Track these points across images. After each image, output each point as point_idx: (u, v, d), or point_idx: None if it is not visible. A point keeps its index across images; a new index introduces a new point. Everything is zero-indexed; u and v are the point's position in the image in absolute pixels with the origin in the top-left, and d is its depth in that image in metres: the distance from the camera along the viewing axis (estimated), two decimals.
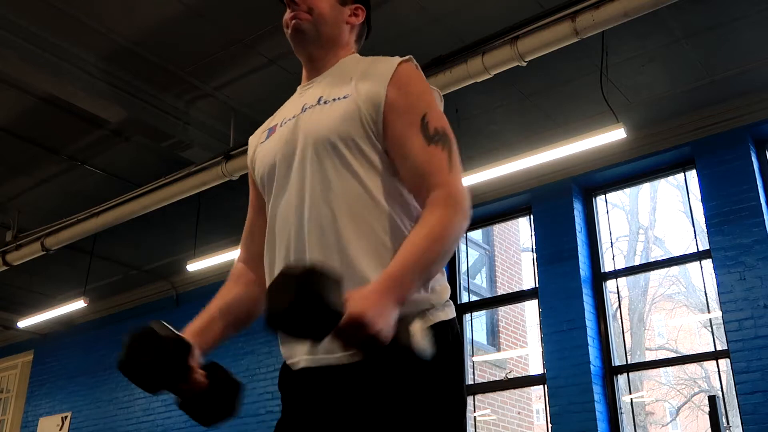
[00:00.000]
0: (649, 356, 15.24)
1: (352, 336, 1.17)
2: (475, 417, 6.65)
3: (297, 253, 1.41)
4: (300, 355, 1.41)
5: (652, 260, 11.96)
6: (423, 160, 1.39)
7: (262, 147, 1.59)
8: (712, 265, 5.35)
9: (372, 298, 1.20)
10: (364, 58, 1.59)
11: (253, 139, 1.68)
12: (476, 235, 9.81)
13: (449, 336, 1.39)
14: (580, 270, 5.86)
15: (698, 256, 5.74)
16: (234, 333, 1.64)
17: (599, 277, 6.02)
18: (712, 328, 5.98)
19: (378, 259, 1.36)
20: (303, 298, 1.11)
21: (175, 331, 1.37)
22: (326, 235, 1.38)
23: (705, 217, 5.45)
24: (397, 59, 1.50)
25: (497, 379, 8.93)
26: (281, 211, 1.47)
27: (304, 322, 1.13)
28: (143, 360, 1.33)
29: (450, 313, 1.43)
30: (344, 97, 1.47)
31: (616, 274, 6.29)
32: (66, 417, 9.33)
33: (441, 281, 1.44)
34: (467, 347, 6.75)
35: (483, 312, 9.65)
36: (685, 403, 15.33)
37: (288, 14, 1.58)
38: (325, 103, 1.49)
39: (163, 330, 1.34)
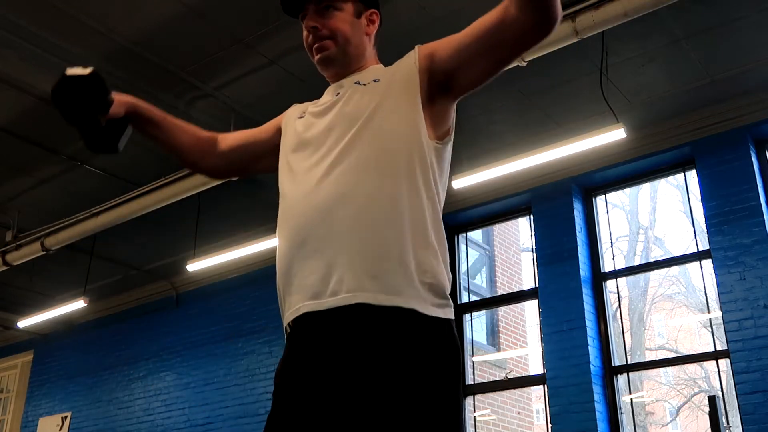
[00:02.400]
0: (649, 356, 15.25)
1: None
2: (475, 417, 6.64)
3: (315, 223, 1.42)
4: (302, 301, 1.41)
5: (652, 260, 11.96)
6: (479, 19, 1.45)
7: (298, 121, 1.63)
8: (712, 265, 5.35)
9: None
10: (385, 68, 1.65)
11: (290, 110, 1.72)
12: (476, 235, 9.81)
13: (447, 330, 1.39)
14: (580, 270, 5.86)
15: (698, 256, 5.74)
16: (153, 142, 1.79)
17: (599, 277, 6.02)
18: (712, 328, 5.98)
19: (409, 249, 1.37)
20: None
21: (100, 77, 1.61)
22: (371, 207, 1.40)
23: (705, 217, 5.46)
24: (415, 47, 1.57)
25: (497, 379, 8.93)
26: (306, 179, 1.48)
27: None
28: (74, 90, 1.57)
29: (449, 313, 1.42)
30: (375, 81, 1.54)
31: (616, 274, 6.29)
32: (66, 417, 9.33)
33: (443, 282, 1.43)
34: (467, 347, 6.75)
35: (483, 312, 9.65)
36: (685, 403, 15.33)
37: (310, 39, 1.61)
38: (359, 84, 1.55)
39: (90, 71, 1.60)
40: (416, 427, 1.28)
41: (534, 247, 6.32)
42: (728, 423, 5.50)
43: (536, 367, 10.57)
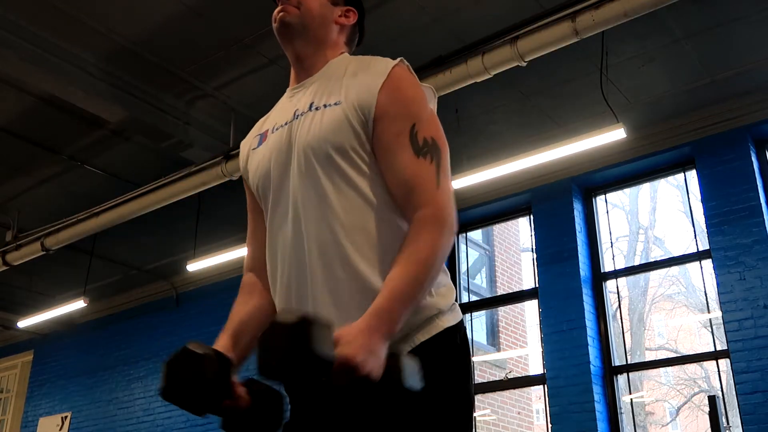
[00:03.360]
0: (649, 356, 15.25)
1: (343, 378, 1.17)
2: (475, 417, 6.64)
3: (299, 272, 1.40)
4: None
5: (652, 260, 11.96)
6: (411, 174, 1.37)
7: (255, 153, 1.56)
8: (712, 265, 5.35)
9: (361, 339, 1.19)
10: (354, 58, 1.56)
11: (244, 144, 1.65)
12: (476, 235, 9.81)
13: (457, 339, 1.40)
14: (580, 270, 5.86)
15: (698, 256, 5.74)
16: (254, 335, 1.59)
17: (599, 277, 6.02)
18: (712, 328, 5.98)
19: (384, 267, 1.35)
20: (294, 351, 1.13)
21: (212, 348, 1.34)
22: (328, 251, 1.36)
23: (705, 217, 5.46)
24: (389, 63, 1.46)
25: (497, 379, 8.93)
26: (280, 227, 1.45)
27: (296, 373, 1.15)
28: (186, 382, 1.27)
29: (457, 315, 1.43)
30: (335, 104, 1.43)
31: (616, 274, 6.29)
32: (66, 417, 9.33)
33: (445, 282, 1.44)
34: None
35: (483, 312, 9.65)
36: (685, 403, 15.33)
37: (276, 9, 1.56)
38: (316, 109, 1.45)
39: (201, 348, 1.30)
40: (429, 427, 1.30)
41: (534, 247, 6.32)
42: (728, 423, 5.50)
43: (536, 367, 10.57)
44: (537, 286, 6.13)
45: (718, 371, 5.83)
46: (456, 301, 1.48)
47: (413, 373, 1.23)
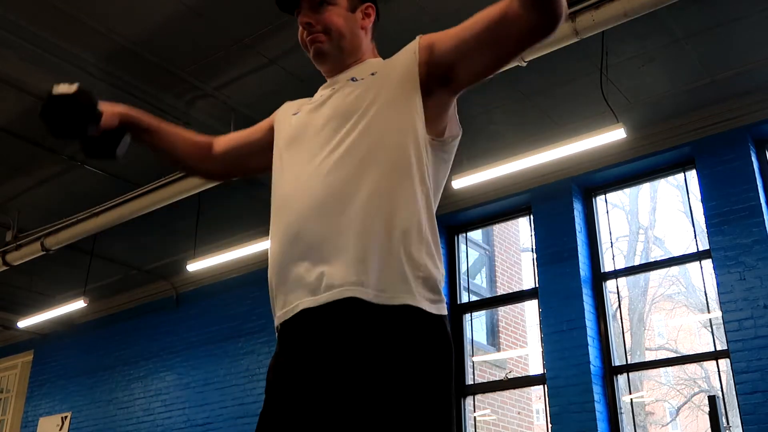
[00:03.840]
0: (649, 356, 15.25)
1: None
2: (475, 417, 6.65)
3: (305, 219, 1.42)
4: (300, 298, 1.40)
5: (652, 260, 11.96)
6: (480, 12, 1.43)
7: (292, 117, 1.62)
8: (712, 265, 5.35)
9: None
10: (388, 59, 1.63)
11: (283, 108, 1.71)
12: (476, 235, 9.81)
13: (442, 327, 1.39)
14: (580, 270, 5.86)
15: (698, 256, 5.74)
16: (150, 149, 1.81)
17: (599, 277, 6.02)
18: (712, 328, 5.98)
19: (393, 224, 1.38)
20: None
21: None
22: (339, 191, 1.39)
23: (705, 217, 5.46)
24: (416, 38, 1.55)
25: (497, 379, 8.93)
26: (293, 169, 1.50)
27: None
28: (64, 107, 1.63)
29: (442, 309, 1.41)
30: (372, 74, 1.52)
31: (616, 274, 6.29)
32: (66, 417, 9.34)
33: (438, 280, 1.43)
34: (467, 347, 6.75)
35: (483, 312, 9.64)
36: (685, 403, 15.33)
37: (304, 35, 1.61)
38: (354, 80, 1.54)
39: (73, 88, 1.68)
40: (406, 423, 1.27)
41: (534, 247, 6.32)
42: (728, 423, 5.50)
43: (536, 367, 10.57)
44: (537, 286, 6.13)
45: (718, 371, 5.83)
46: (456, 302, 1.48)
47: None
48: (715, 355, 5.51)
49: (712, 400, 4.70)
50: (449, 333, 1.41)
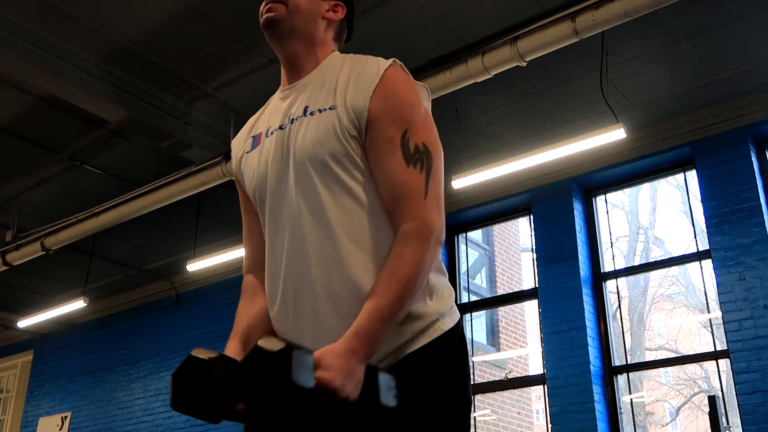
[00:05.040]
0: (649, 356, 15.25)
1: (323, 401, 1.20)
2: (475, 417, 6.64)
3: (298, 282, 1.40)
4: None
5: (652, 260, 11.96)
6: (399, 182, 1.36)
7: (249, 157, 1.56)
8: (712, 265, 5.35)
9: (339, 362, 1.21)
10: (347, 57, 1.54)
11: (236, 144, 1.64)
12: (476, 235, 9.81)
13: (455, 339, 1.41)
14: (580, 270, 5.86)
15: (698, 256, 5.74)
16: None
17: (599, 277, 6.02)
18: (712, 328, 5.98)
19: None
20: (276, 382, 1.15)
21: (218, 352, 1.30)
22: (327, 260, 1.37)
23: (705, 217, 5.45)
24: (382, 65, 1.44)
25: (497, 379, 8.93)
26: (277, 235, 1.45)
27: (278, 404, 1.16)
28: (194, 390, 1.24)
29: (455, 317, 1.44)
30: (330, 108, 1.42)
31: (616, 274, 6.29)
32: (66, 417, 9.33)
33: (444, 284, 1.45)
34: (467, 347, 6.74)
35: (483, 312, 9.65)
36: (685, 403, 15.33)
37: (263, 5, 1.55)
38: (311, 114, 1.45)
39: (206, 354, 1.26)
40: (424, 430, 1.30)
41: (534, 247, 6.32)
42: (728, 423, 5.50)
43: (536, 367, 10.57)
44: (537, 286, 6.13)
45: (718, 371, 5.83)
46: (456, 302, 1.49)
47: (389, 390, 1.27)
48: (715, 355, 5.51)
49: (712, 400, 4.70)
50: (464, 338, 1.44)
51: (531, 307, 9.31)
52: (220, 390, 1.22)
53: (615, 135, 4.79)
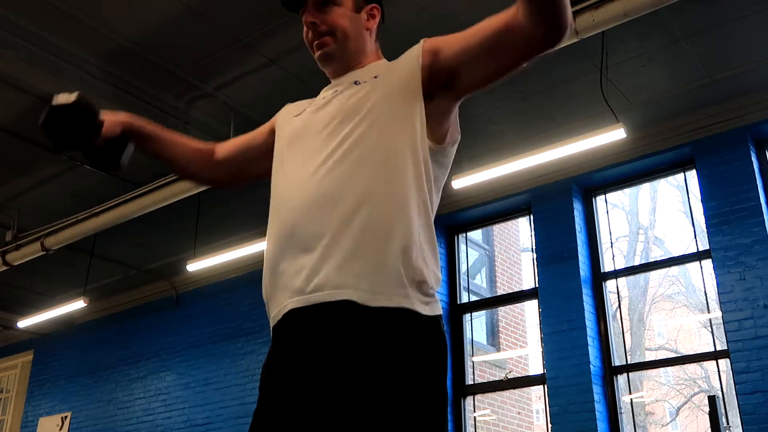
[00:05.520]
0: (649, 356, 15.25)
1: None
2: (475, 417, 6.64)
3: (301, 219, 1.41)
4: (289, 298, 1.40)
5: (652, 260, 11.96)
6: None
7: (294, 119, 1.62)
8: (712, 265, 5.35)
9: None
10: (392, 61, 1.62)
11: (284, 110, 1.71)
12: (476, 235, 9.82)
13: (436, 326, 1.39)
14: (580, 270, 5.86)
15: (698, 256, 5.74)
16: (152, 157, 1.82)
17: (599, 277, 6.02)
18: (712, 328, 5.98)
19: (396, 232, 1.37)
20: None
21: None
22: (337, 201, 1.39)
23: (705, 217, 5.46)
24: (420, 41, 1.53)
25: (497, 379, 8.93)
26: (291, 168, 1.50)
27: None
28: (64, 121, 1.61)
29: (436, 309, 1.41)
30: (375, 77, 1.52)
31: (616, 274, 6.29)
32: (66, 417, 9.34)
33: (433, 288, 1.43)
34: (467, 347, 6.74)
35: (483, 312, 9.64)
36: (685, 403, 15.34)
37: (309, 35, 1.61)
38: (357, 83, 1.53)
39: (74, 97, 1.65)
40: (399, 423, 1.28)
41: (534, 247, 6.32)
42: (728, 423, 5.50)
43: (536, 367, 10.57)
44: (537, 286, 6.13)
45: (718, 371, 5.83)
46: (456, 302, 1.48)
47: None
48: (715, 355, 5.51)
49: (712, 400, 4.70)
50: (443, 333, 1.41)
51: (531, 307, 9.32)
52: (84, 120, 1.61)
53: (615, 135, 4.79)
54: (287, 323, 1.40)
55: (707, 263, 5.51)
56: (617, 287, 6.81)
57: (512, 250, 10.99)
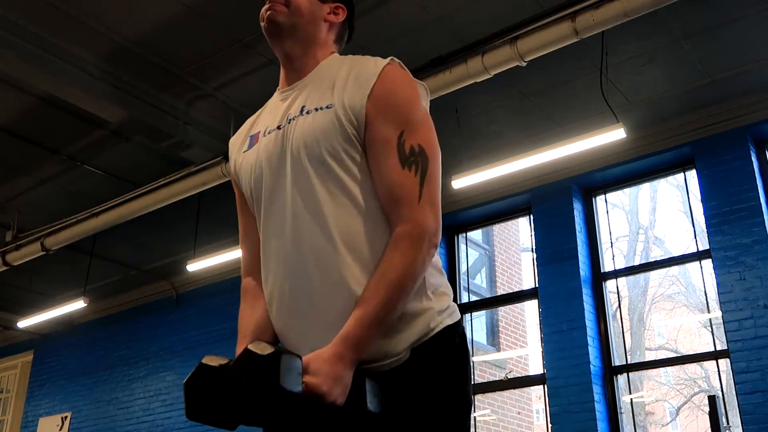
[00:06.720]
0: (649, 356, 15.25)
1: (311, 405, 1.22)
2: (475, 417, 6.64)
3: (295, 281, 1.39)
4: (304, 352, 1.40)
5: (652, 260, 11.96)
6: (395, 183, 1.35)
7: (246, 156, 1.55)
8: (712, 265, 5.35)
9: (327, 367, 1.24)
10: (345, 58, 1.54)
11: (234, 144, 1.63)
12: (476, 235, 9.81)
13: (456, 339, 1.40)
14: (580, 270, 5.85)
15: (698, 256, 5.74)
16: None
17: (599, 277, 6.02)
18: (712, 328, 5.98)
19: None
20: (263, 388, 1.17)
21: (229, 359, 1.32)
22: (324, 260, 1.36)
23: (705, 217, 5.46)
24: (380, 63, 1.44)
25: (497, 379, 8.93)
26: (273, 235, 1.45)
27: (266, 409, 1.18)
28: (209, 398, 1.27)
29: (455, 316, 1.43)
30: (327, 107, 1.41)
31: (616, 274, 6.29)
32: (66, 417, 9.33)
33: (442, 283, 1.44)
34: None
35: (483, 312, 9.65)
36: (685, 403, 15.33)
37: (264, 7, 1.55)
38: (308, 113, 1.44)
39: (216, 361, 1.30)
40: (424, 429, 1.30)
41: (534, 247, 6.32)
42: (728, 423, 5.50)
43: (536, 367, 10.57)
44: (537, 286, 6.13)
45: (718, 371, 5.83)
46: (456, 302, 1.48)
47: (375, 396, 1.29)
48: (715, 355, 5.51)
49: (712, 400, 4.70)
50: (464, 337, 1.43)
51: (531, 307, 9.32)
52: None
53: (615, 135, 4.79)
54: None
55: (707, 263, 5.51)
56: (617, 287, 6.81)
57: (512, 250, 10.99)
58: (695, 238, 5.86)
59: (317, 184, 1.38)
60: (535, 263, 6.22)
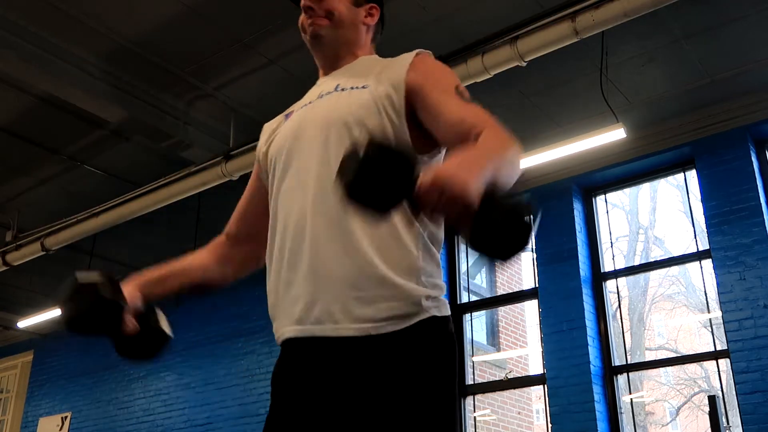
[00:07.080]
0: (649, 356, 15.25)
1: (440, 199, 1.10)
2: (475, 417, 6.64)
3: (299, 241, 1.39)
4: (286, 325, 1.41)
5: (652, 260, 11.95)
6: (464, 113, 1.39)
7: (279, 131, 1.58)
8: (712, 265, 5.35)
9: (457, 163, 1.16)
10: (383, 59, 1.59)
11: (268, 126, 1.67)
12: None
13: (443, 334, 1.40)
14: (580, 270, 5.85)
15: (698, 256, 5.74)
16: (185, 295, 1.75)
17: (599, 277, 6.02)
18: (712, 328, 5.98)
19: (388, 253, 1.34)
20: (377, 150, 1.08)
21: (108, 282, 1.54)
22: (335, 224, 1.35)
23: (705, 217, 5.46)
24: (411, 53, 1.51)
25: (497, 379, 8.93)
26: (288, 194, 1.46)
27: (381, 178, 1.06)
28: (83, 314, 1.49)
29: (444, 310, 1.42)
30: (363, 87, 1.46)
31: (616, 274, 6.29)
32: (66, 417, 9.33)
33: (435, 273, 1.43)
34: (467, 347, 6.74)
35: (483, 312, 9.64)
36: (685, 403, 15.33)
37: (305, 18, 1.58)
38: (342, 90, 1.49)
39: (92, 277, 1.54)
40: (410, 425, 1.29)
41: (534, 247, 6.32)
42: (728, 423, 5.50)
43: (536, 367, 10.56)
44: (537, 286, 6.13)
45: (718, 371, 5.83)
46: (456, 302, 1.48)
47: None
48: (715, 355, 5.51)
49: (712, 400, 4.70)
50: (452, 333, 1.43)
51: (531, 307, 9.31)
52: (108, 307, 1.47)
53: (615, 135, 4.79)
54: (285, 355, 1.47)
55: (707, 263, 5.51)
56: (617, 287, 6.81)
57: None
58: (695, 238, 5.86)
59: (338, 150, 1.37)
60: (535, 263, 6.22)
